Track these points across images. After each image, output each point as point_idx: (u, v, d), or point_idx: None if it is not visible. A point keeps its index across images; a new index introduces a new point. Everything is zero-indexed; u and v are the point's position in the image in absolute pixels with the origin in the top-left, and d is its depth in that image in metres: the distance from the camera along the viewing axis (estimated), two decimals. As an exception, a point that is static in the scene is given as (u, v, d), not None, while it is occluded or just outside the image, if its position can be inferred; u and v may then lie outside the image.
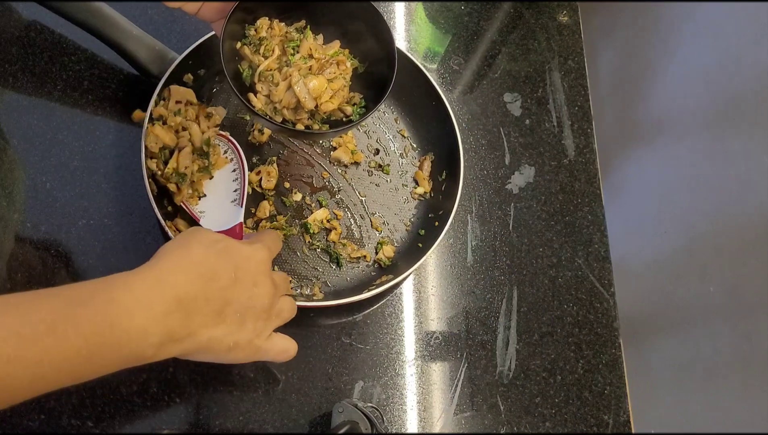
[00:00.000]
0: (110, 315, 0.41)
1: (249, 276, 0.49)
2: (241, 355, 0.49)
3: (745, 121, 0.82)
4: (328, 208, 0.70)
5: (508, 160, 0.80)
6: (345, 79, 0.60)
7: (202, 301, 0.45)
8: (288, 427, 0.61)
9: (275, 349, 0.52)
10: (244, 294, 0.48)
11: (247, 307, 0.48)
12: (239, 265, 0.48)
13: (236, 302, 0.47)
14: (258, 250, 0.50)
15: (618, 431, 0.69)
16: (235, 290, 0.47)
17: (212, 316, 0.46)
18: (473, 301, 0.71)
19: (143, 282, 0.43)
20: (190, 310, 0.44)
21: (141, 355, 0.43)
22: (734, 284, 0.80)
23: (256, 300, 0.49)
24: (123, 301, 0.41)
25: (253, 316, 0.49)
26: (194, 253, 0.47)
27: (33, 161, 0.66)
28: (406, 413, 0.65)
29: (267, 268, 0.50)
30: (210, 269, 0.46)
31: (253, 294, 0.48)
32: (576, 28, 0.92)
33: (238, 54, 0.59)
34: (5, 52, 0.70)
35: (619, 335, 0.74)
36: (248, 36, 0.58)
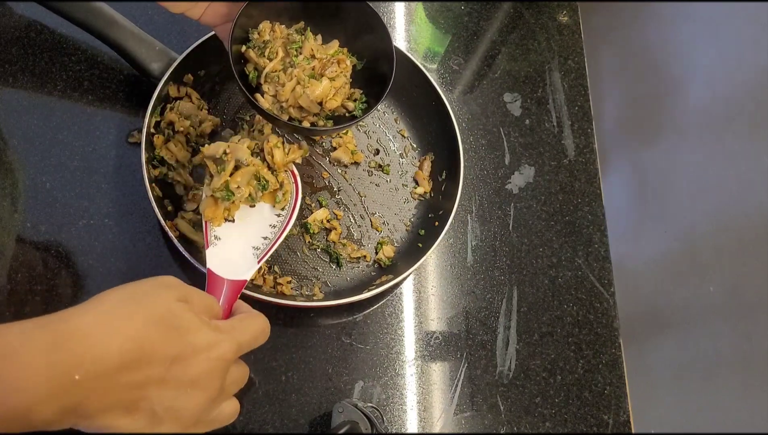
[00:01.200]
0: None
1: (190, 373, 0.39)
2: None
3: (745, 121, 0.83)
4: (328, 208, 0.70)
5: (508, 160, 0.80)
6: (346, 76, 0.62)
7: (111, 385, 0.36)
8: (288, 427, 0.61)
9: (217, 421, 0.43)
10: (172, 394, 0.38)
11: (170, 409, 0.38)
12: (183, 356, 0.38)
13: (157, 400, 0.38)
14: (221, 344, 0.40)
15: (618, 431, 0.69)
16: (161, 386, 0.38)
17: (119, 406, 0.37)
18: (473, 301, 0.71)
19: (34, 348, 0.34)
20: (91, 391, 0.35)
21: (32, 426, 0.35)
22: (734, 284, 0.80)
23: (185, 403, 0.39)
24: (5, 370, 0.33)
25: (173, 420, 0.39)
26: (136, 319, 0.37)
27: (33, 161, 0.66)
28: (406, 413, 0.65)
29: (220, 368, 0.40)
30: (141, 348, 0.37)
31: (184, 397, 0.39)
32: (576, 28, 0.92)
33: (244, 57, 0.60)
34: (5, 52, 0.70)
35: (619, 335, 0.74)
36: (252, 39, 0.59)
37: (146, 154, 0.62)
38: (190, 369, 0.39)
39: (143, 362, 0.37)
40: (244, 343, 0.43)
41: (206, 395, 0.40)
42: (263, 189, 0.57)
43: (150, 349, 0.37)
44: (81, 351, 0.35)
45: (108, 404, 0.36)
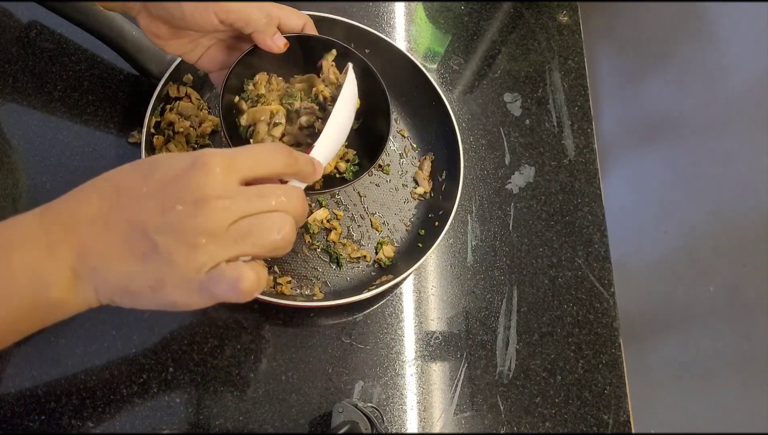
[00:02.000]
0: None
1: (170, 192, 0.35)
2: (175, 297, 0.36)
3: (745, 121, 0.82)
4: (328, 208, 0.70)
5: (508, 160, 0.80)
6: None
7: (97, 225, 0.35)
8: (288, 427, 0.61)
9: (221, 286, 0.36)
10: (155, 214, 0.35)
11: (163, 232, 0.35)
12: (160, 179, 0.36)
13: (145, 224, 0.35)
14: (204, 162, 0.36)
15: (618, 431, 0.69)
16: (140, 208, 0.35)
17: (117, 247, 0.35)
18: (473, 301, 0.71)
19: (27, 214, 0.36)
20: (86, 235, 0.35)
21: (51, 299, 0.35)
22: (734, 284, 0.80)
23: (176, 222, 0.35)
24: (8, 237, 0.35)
25: (177, 243, 0.35)
26: (105, 175, 0.37)
27: (33, 161, 0.66)
28: (406, 413, 0.65)
29: (215, 183, 0.36)
30: (115, 184, 0.36)
31: (172, 215, 0.35)
32: (576, 28, 0.92)
33: (236, 107, 0.58)
34: (5, 52, 0.70)
35: (619, 335, 0.74)
36: (246, 90, 0.58)
37: (146, 154, 0.62)
38: (170, 187, 0.35)
39: (120, 195, 0.36)
40: (236, 155, 0.37)
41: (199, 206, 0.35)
42: None
43: (121, 182, 0.36)
44: (67, 201, 0.36)
45: (107, 247, 0.35)
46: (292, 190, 0.39)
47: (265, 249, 0.37)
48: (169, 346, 0.61)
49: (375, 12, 0.86)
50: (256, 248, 0.37)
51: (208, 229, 0.35)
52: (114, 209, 0.35)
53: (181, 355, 0.61)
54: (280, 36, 0.54)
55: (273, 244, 0.37)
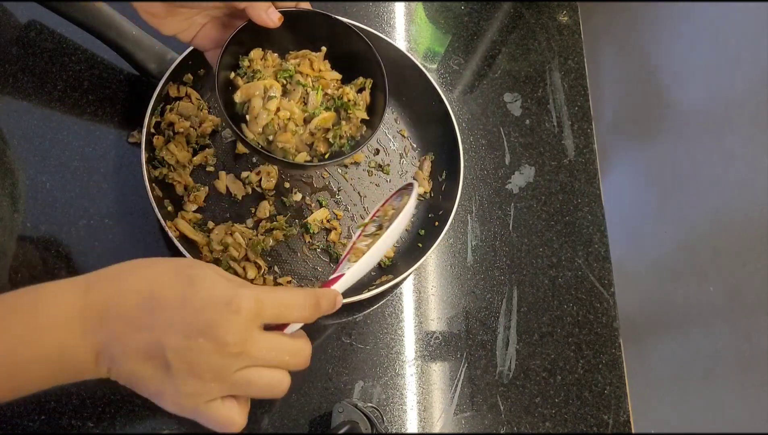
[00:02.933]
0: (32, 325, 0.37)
1: (200, 321, 0.38)
2: (170, 407, 0.40)
3: (744, 121, 0.82)
4: (328, 208, 0.70)
5: (508, 160, 0.80)
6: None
7: (129, 327, 0.38)
8: (288, 427, 0.61)
9: (212, 420, 0.40)
10: (182, 342, 0.38)
11: (182, 358, 0.38)
12: (194, 301, 0.38)
13: (168, 347, 0.38)
14: (238, 297, 0.39)
15: (618, 431, 0.69)
16: (172, 332, 0.38)
17: (137, 350, 0.38)
18: (473, 301, 0.71)
19: (71, 291, 0.38)
20: (115, 332, 0.38)
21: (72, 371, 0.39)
22: (734, 284, 0.80)
23: (196, 354, 0.38)
24: (45, 311, 0.37)
25: (186, 372, 0.38)
26: (150, 269, 0.39)
27: (33, 161, 0.66)
28: (406, 413, 0.65)
29: (237, 323, 0.38)
30: (152, 292, 0.38)
31: (196, 347, 0.38)
32: (576, 28, 0.92)
33: (232, 84, 0.58)
34: (5, 52, 0.70)
35: (619, 335, 0.74)
36: (242, 67, 0.58)
37: (146, 154, 0.62)
38: (201, 316, 0.38)
39: (154, 303, 0.38)
40: (267, 305, 0.40)
41: (218, 348, 0.38)
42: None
43: (160, 289, 0.38)
44: (110, 290, 0.38)
45: (128, 347, 0.38)
46: (303, 348, 0.42)
47: (259, 396, 0.41)
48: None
49: (375, 12, 0.85)
50: (251, 394, 0.41)
51: (217, 369, 0.38)
52: (146, 319, 0.38)
53: (181, 355, 0.61)
54: (274, 10, 0.54)
55: (267, 395, 0.41)
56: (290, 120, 0.57)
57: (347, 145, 0.59)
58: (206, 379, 0.38)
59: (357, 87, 0.61)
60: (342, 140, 0.59)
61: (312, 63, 0.59)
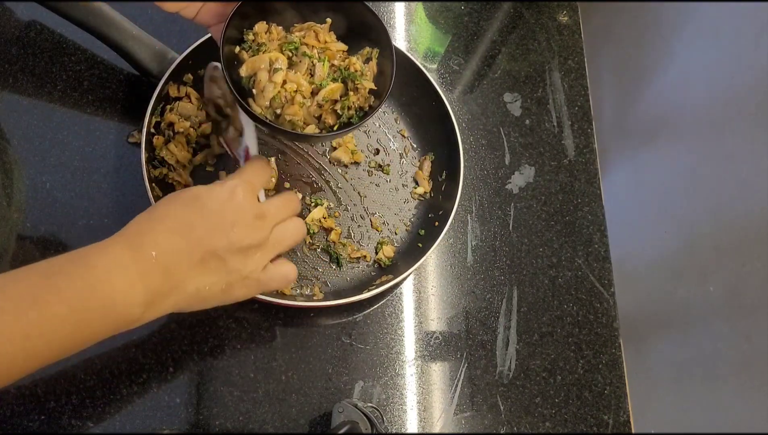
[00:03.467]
0: (89, 279, 0.42)
1: (225, 219, 0.48)
2: (239, 293, 0.50)
3: (745, 121, 0.83)
4: (326, 207, 0.70)
5: (508, 160, 0.80)
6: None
7: (178, 254, 0.45)
8: (288, 427, 0.61)
9: (275, 280, 0.52)
10: (223, 239, 0.47)
11: (230, 251, 0.47)
12: (212, 210, 0.48)
13: (217, 248, 0.47)
14: (233, 190, 0.49)
15: (618, 431, 0.69)
16: (212, 238, 0.47)
17: (193, 267, 0.46)
18: (473, 301, 0.71)
19: (115, 246, 0.44)
20: (168, 266, 0.45)
21: (130, 317, 0.44)
22: (734, 284, 0.80)
23: (237, 241, 0.48)
24: (100, 266, 0.43)
25: (239, 256, 0.48)
26: (161, 210, 0.48)
27: (33, 161, 0.66)
28: (406, 413, 0.65)
29: (247, 205, 0.49)
30: (180, 222, 0.47)
31: (233, 236, 0.47)
32: (576, 28, 0.92)
33: (237, 58, 0.58)
34: (5, 52, 0.70)
35: (619, 335, 0.74)
36: (246, 41, 0.57)
37: (146, 154, 0.62)
38: (223, 217, 0.47)
39: (187, 229, 0.46)
40: (253, 180, 0.51)
41: (248, 229, 0.48)
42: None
43: (186, 217, 0.47)
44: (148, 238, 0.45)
45: (184, 272, 0.46)
46: (293, 199, 0.55)
47: (291, 246, 0.54)
48: (169, 346, 0.61)
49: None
50: (286, 248, 0.53)
51: (258, 242, 0.49)
52: (192, 241, 0.46)
53: (181, 355, 0.61)
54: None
55: (295, 244, 0.54)
56: (297, 92, 0.56)
57: (356, 116, 0.59)
58: (253, 253, 0.49)
59: (363, 57, 0.60)
60: (350, 111, 0.58)
61: (317, 35, 0.58)
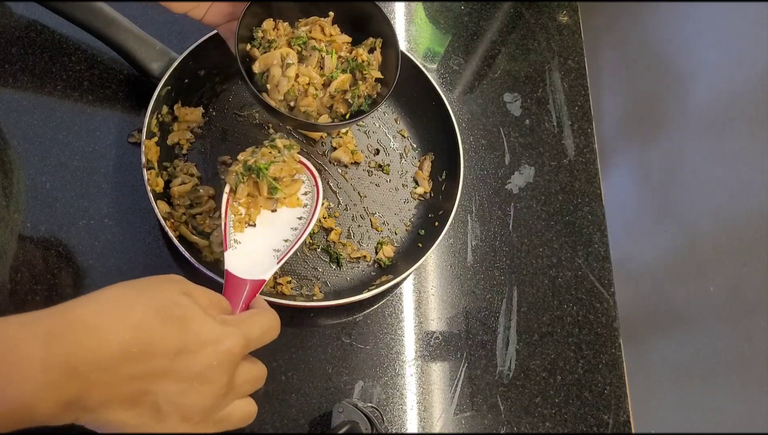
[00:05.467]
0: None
1: (195, 366, 0.37)
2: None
3: (745, 121, 0.83)
4: (326, 207, 0.70)
5: (508, 160, 0.80)
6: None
7: (113, 377, 0.35)
8: (288, 427, 0.61)
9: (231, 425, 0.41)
10: (176, 387, 0.37)
11: (174, 404, 0.37)
12: (187, 348, 0.37)
13: (161, 394, 0.36)
14: (227, 337, 0.39)
15: (618, 431, 0.69)
16: (165, 379, 0.36)
17: (122, 399, 0.36)
18: (473, 301, 0.71)
19: (30, 340, 0.34)
20: (92, 383, 0.34)
21: (40, 420, 0.35)
22: (734, 284, 0.80)
23: (190, 398, 0.37)
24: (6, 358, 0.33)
25: (178, 416, 0.37)
26: (128, 313, 0.36)
27: (33, 161, 0.66)
28: (406, 413, 0.65)
29: (227, 362, 0.38)
30: (143, 338, 0.36)
31: (190, 391, 0.37)
32: (576, 28, 0.92)
33: (249, 56, 0.59)
34: (5, 52, 0.70)
35: (619, 335, 0.74)
36: (256, 38, 0.59)
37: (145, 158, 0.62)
38: (196, 361, 0.37)
39: (145, 353, 0.35)
40: (253, 337, 0.42)
41: (212, 390, 0.38)
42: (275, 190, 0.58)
43: (151, 340, 0.36)
44: (80, 340, 0.34)
45: (110, 397, 0.35)
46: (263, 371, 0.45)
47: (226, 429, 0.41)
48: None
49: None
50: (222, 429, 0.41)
51: (207, 411, 0.38)
52: (133, 368, 0.35)
53: (181, 355, 0.61)
54: None
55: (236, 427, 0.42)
56: (310, 84, 0.59)
57: (365, 105, 0.61)
58: (195, 420, 0.38)
59: (368, 47, 0.62)
60: (360, 100, 0.61)
61: (323, 28, 0.60)
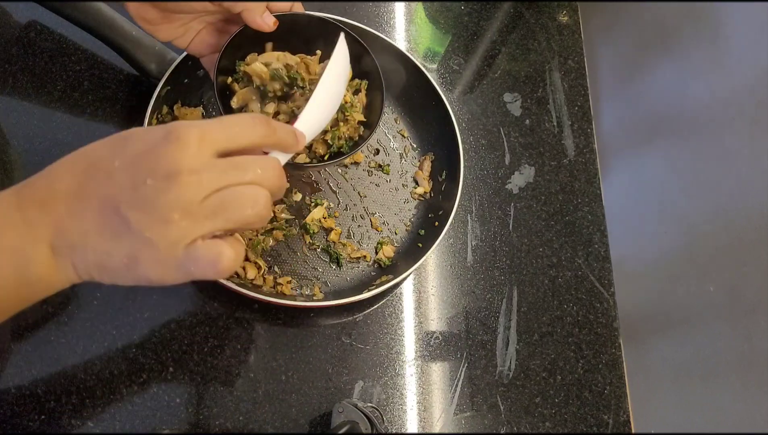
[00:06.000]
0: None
1: (143, 164, 0.35)
2: (150, 273, 0.36)
3: (745, 121, 0.82)
4: (326, 207, 0.70)
5: (508, 160, 0.80)
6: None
7: (74, 201, 0.35)
8: (288, 427, 0.61)
9: (199, 263, 0.36)
10: (128, 190, 0.34)
11: (136, 208, 0.34)
12: (133, 152, 0.35)
13: (119, 202, 0.34)
14: (177, 128, 0.35)
15: (618, 431, 0.69)
16: (113, 186, 0.35)
17: (92, 222, 0.35)
18: (473, 301, 0.71)
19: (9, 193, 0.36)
20: (61, 215, 0.35)
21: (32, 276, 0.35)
22: (734, 284, 0.80)
23: (150, 198, 0.34)
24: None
25: (149, 219, 0.34)
26: (81, 149, 0.37)
27: (33, 161, 0.66)
28: (406, 413, 0.65)
29: (185, 154, 0.35)
30: (87, 160, 0.36)
31: (146, 190, 0.34)
32: (576, 28, 0.92)
33: (229, 89, 0.58)
34: (5, 52, 0.70)
35: (619, 335, 0.74)
36: (238, 72, 0.58)
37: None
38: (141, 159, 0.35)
39: (93, 169, 0.35)
40: (208, 127, 0.36)
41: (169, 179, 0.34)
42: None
43: (96, 155, 0.36)
44: (41, 178, 0.36)
45: (82, 222, 0.35)
46: (269, 161, 0.39)
47: (239, 223, 0.37)
48: (169, 346, 0.61)
49: (375, 12, 0.86)
50: (230, 223, 0.36)
51: (180, 204, 0.34)
52: (87, 185, 0.35)
53: (181, 355, 0.61)
54: (269, 14, 0.54)
55: (246, 219, 0.37)
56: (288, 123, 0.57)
57: (346, 146, 0.60)
58: (174, 219, 0.34)
59: (353, 88, 0.61)
60: (340, 141, 0.59)
61: (308, 66, 0.59)
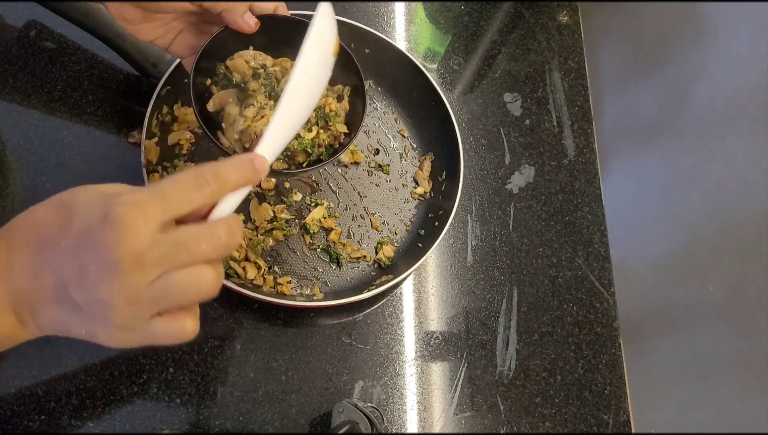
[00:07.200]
0: None
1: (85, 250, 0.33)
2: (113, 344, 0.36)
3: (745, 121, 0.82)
4: (326, 207, 0.70)
5: (508, 160, 0.80)
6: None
7: (29, 274, 0.35)
8: (288, 427, 0.61)
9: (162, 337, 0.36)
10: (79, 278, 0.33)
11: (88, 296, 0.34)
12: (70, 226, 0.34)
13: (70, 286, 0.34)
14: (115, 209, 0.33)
15: (618, 431, 0.69)
16: (64, 271, 0.34)
17: (48, 294, 0.35)
18: (473, 301, 0.71)
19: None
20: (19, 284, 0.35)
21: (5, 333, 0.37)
22: (734, 284, 0.80)
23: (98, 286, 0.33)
24: None
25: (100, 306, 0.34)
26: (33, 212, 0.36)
27: (33, 161, 0.66)
28: (406, 413, 0.65)
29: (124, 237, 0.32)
30: (37, 232, 0.35)
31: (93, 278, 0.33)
32: (576, 28, 0.92)
33: (208, 90, 0.57)
34: (5, 52, 0.70)
35: (619, 335, 0.74)
36: (218, 74, 0.57)
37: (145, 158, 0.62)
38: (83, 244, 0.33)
39: (41, 247, 0.35)
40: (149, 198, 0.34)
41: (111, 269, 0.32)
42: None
43: (43, 231, 0.35)
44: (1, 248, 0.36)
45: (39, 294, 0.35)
46: (216, 229, 0.36)
47: (189, 302, 0.36)
48: (169, 346, 0.61)
49: (375, 12, 0.86)
50: (176, 303, 0.35)
51: (124, 293, 0.33)
52: (39, 261, 0.35)
53: (181, 356, 0.61)
54: (250, 15, 0.53)
55: (193, 300, 0.36)
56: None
57: (325, 153, 0.59)
58: (120, 306, 0.33)
59: (335, 94, 0.60)
60: (320, 149, 0.58)
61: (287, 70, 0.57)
